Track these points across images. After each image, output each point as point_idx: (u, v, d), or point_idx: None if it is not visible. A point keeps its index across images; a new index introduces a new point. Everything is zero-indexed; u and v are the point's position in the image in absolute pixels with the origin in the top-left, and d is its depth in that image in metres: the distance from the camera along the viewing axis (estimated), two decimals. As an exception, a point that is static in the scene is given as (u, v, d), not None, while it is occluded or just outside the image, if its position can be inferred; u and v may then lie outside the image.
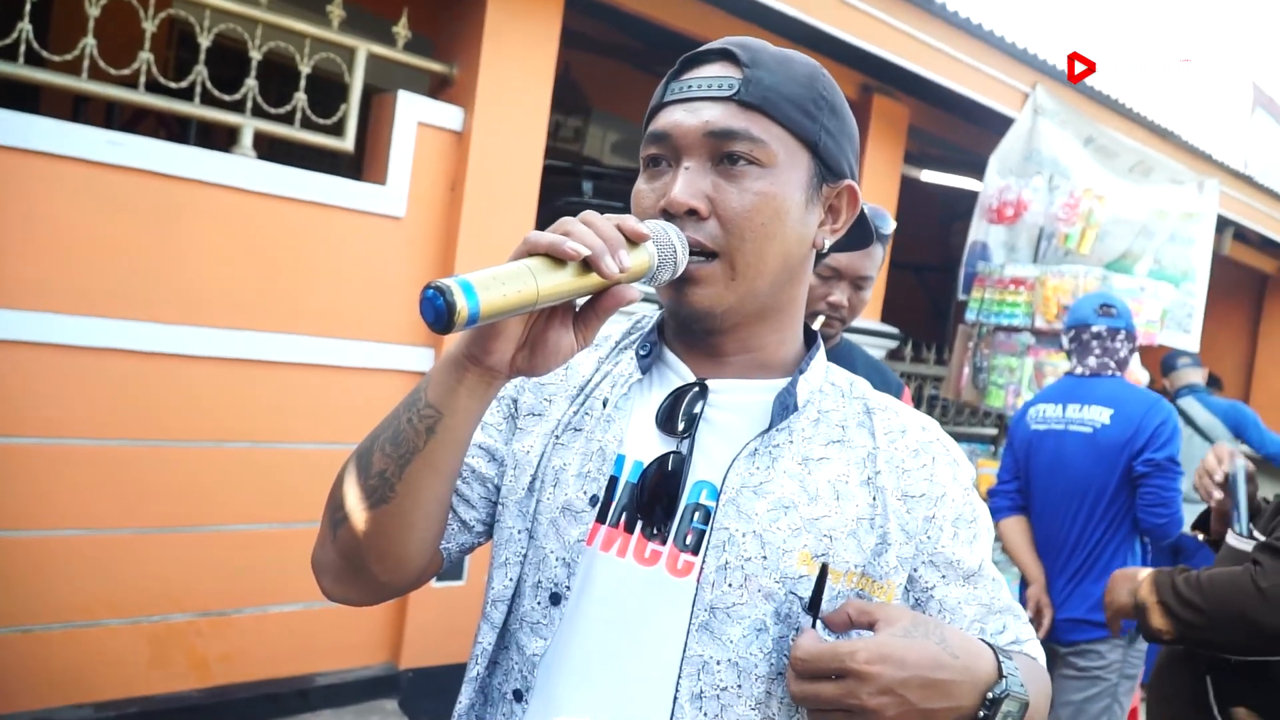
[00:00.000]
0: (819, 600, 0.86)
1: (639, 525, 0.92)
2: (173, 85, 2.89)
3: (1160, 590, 1.75)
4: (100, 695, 2.81)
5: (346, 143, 3.16)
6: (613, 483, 0.94)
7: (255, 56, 2.96)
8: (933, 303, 8.82)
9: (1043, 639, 2.71)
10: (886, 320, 5.21)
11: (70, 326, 2.68)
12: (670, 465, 0.92)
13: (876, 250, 1.97)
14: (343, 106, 3.14)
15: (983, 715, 0.83)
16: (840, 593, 0.88)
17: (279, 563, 3.10)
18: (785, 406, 0.94)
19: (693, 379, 0.96)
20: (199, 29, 2.87)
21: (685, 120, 0.90)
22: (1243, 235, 7.15)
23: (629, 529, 0.92)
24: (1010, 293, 4.55)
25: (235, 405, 2.99)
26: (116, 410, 2.79)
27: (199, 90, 2.87)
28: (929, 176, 7.00)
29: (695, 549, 0.90)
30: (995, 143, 4.87)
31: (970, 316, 4.82)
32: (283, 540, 3.11)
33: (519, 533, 0.95)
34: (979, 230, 4.90)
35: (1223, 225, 6.05)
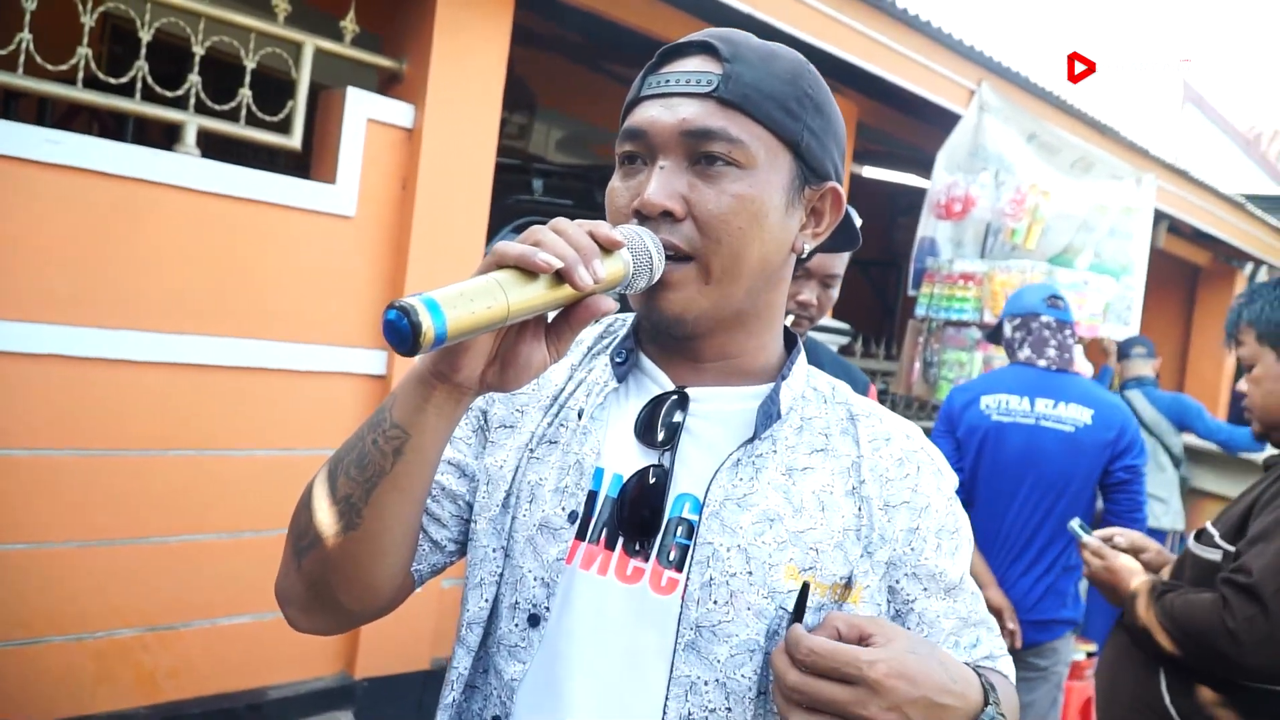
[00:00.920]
0: (801, 614, 0.84)
1: (620, 541, 0.89)
2: (112, 81, 2.78)
3: (1159, 614, 1.74)
4: (44, 715, 2.70)
5: (294, 140, 3.08)
6: (591, 497, 0.90)
7: (198, 52, 2.87)
8: (879, 298, 8.94)
9: (1015, 650, 2.70)
10: (835, 316, 5.25)
11: (4, 332, 2.56)
12: (652, 479, 0.89)
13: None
14: (289, 103, 3.06)
15: None
16: (822, 604, 0.86)
17: (229, 574, 3.01)
18: (769, 415, 0.91)
19: (671, 387, 0.93)
20: (140, 23, 2.77)
21: (661, 117, 0.87)
22: (1176, 228, 7.33)
23: (610, 545, 0.89)
24: (959, 288, 4.62)
25: (180, 411, 2.89)
26: (54, 418, 2.68)
27: (139, 86, 2.78)
28: (870, 173, 7.09)
29: (679, 565, 0.87)
30: (940, 139, 4.92)
31: (920, 312, 4.88)
32: (232, 550, 3.02)
33: (494, 551, 0.91)
34: (928, 226, 4.96)
35: (1158, 219, 6.19)
